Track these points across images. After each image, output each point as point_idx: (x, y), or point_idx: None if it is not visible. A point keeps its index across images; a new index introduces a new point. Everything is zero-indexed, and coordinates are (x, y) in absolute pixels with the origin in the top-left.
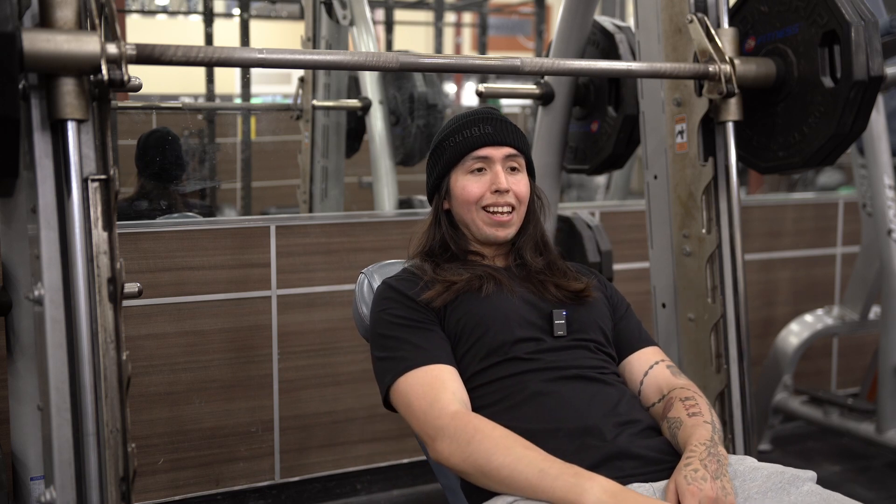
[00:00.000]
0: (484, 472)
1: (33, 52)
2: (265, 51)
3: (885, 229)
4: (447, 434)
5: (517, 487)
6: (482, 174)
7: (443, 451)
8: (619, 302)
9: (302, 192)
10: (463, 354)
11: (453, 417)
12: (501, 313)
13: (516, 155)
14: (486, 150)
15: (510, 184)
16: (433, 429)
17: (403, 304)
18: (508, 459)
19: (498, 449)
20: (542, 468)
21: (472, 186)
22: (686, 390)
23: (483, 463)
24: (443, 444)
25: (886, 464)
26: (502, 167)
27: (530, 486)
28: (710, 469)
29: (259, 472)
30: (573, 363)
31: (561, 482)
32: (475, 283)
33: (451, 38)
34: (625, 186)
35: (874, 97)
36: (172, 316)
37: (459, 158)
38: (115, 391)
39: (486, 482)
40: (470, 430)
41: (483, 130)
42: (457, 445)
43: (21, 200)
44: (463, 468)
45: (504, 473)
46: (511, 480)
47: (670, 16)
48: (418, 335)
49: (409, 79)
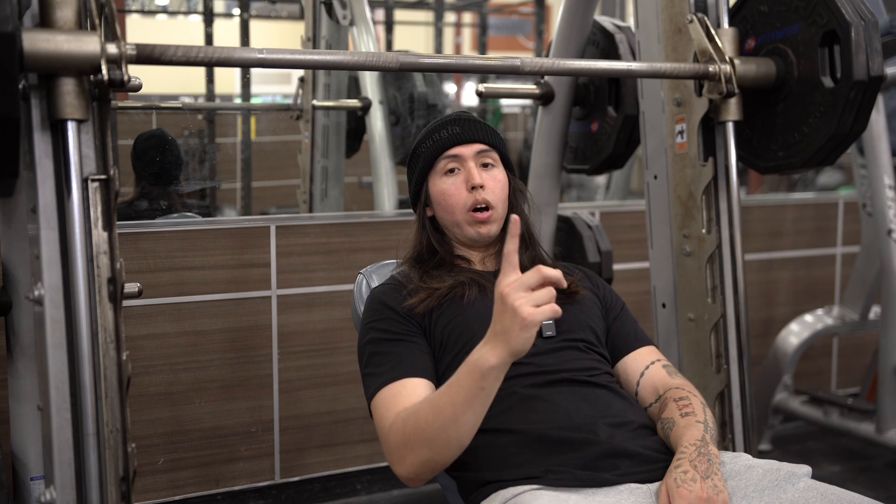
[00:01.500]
0: (433, 451)
1: (33, 52)
2: (265, 51)
3: (885, 229)
4: (391, 454)
5: (452, 425)
6: (457, 174)
7: (400, 473)
8: (613, 302)
9: (302, 192)
10: (450, 362)
11: (389, 433)
12: (486, 318)
13: (487, 150)
14: (455, 149)
15: (484, 179)
16: (387, 454)
17: (387, 316)
18: (430, 420)
19: (422, 426)
20: (446, 392)
21: (451, 190)
22: (681, 390)
23: (425, 450)
24: (396, 467)
25: (886, 464)
26: (475, 164)
27: (454, 414)
28: (701, 469)
29: (259, 472)
30: (563, 366)
31: (466, 380)
32: (458, 290)
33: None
34: (625, 186)
35: (874, 97)
36: (172, 316)
37: (432, 162)
38: (115, 391)
39: (442, 454)
40: (400, 435)
41: (451, 131)
42: (400, 456)
43: (21, 200)
44: (422, 468)
45: (438, 431)
46: (445, 427)
47: (670, 16)
48: (397, 348)
49: (409, 79)
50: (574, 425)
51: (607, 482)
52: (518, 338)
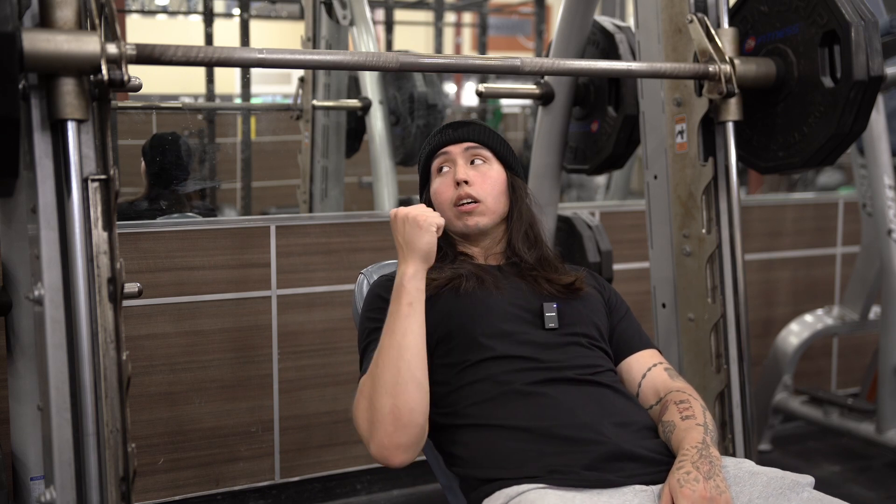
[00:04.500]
0: (394, 396)
1: (33, 52)
2: (265, 51)
3: (885, 229)
4: (364, 432)
5: (400, 359)
6: (446, 173)
7: (376, 446)
8: (617, 304)
9: (302, 192)
10: (442, 350)
11: (357, 410)
12: (483, 310)
13: (476, 147)
14: (445, 148)
15: (469, 175)
16: (361, 435)
17: (380, 306)
18: (382, 367)
19: (376, 378)
20: (385, 333)
21: (441, 188)
22: (681, 393)
23: (387, 397)
24: (371, 445)
25: (886, 464)
26: (463, 161)
27: (398, 345)
28: (703, 470)
29: (259, 472)
30: (567, 363)
31: (394, 305)
32: (457, 281)
33: (451, 38)
34: (625, 186)
35: (874, 97)
36: (172, 316)
37: (429, 163)
38: (115, 391)
39: (403, 396)
40: (364, 402)
41: (444, 133)
42: (370, 425)
43: (21, 200)
44: (392, 427)
45: (392, 373)
46: (395, 363)
47: (670, 16)
48: None
49: (409, 79)
50: (579, 424)
51: (612, 483)
52: (420, 240)
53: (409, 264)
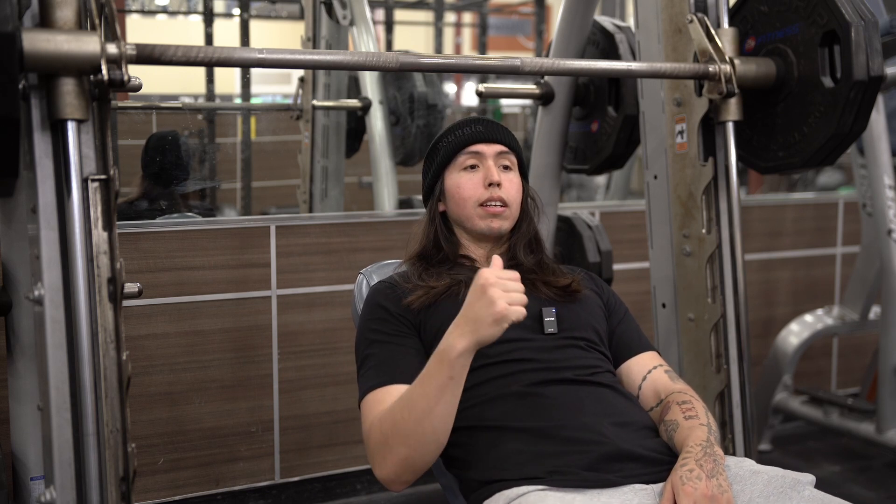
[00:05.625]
0: (411, 448)
1: (33, 52)
2: (265, 51)
3: (885, 229)
4: (372, 457)
5: (426, 419)
6: (475, 171)
7: (381, 475)
8: (616, 306)
9: (302, 192)
10: None
11: (369, 435)
12: None
13: (507, 152)
14: (478, 146)
15: (501, 179)
16: (369, 457)
17: (380, 316)
18: (406, 415)
19: (398, 423)
20: (418, 385)
21: (466, 184)
22: (683, 394)
23: (403, 447)
24: (376, 470)
25: (886, 464)
26: (494, 163)
27: (428, 406)
28: (706, 468)
29: (259, 472)
30: (566, 364)
31: (436, 370)
32: (455, 288)
33: (451, 38)
34: (625, 186)
35: (874, 97)
36: (172, 316)
37: (452, 156)
38: (115, 391)
39: (420, 450)
40: (378, 435)
41: (475, 129)
42: (381, 458)
43: (21, 200)
44: (401, 467)
45: (413, 426)
46: (420, 421)
47: (670, 16)
48: (387, 351)
49: (409, 79)
50: (579, 425)
51: (612, 483)
52: (488, 329)
53: (464, 342)
